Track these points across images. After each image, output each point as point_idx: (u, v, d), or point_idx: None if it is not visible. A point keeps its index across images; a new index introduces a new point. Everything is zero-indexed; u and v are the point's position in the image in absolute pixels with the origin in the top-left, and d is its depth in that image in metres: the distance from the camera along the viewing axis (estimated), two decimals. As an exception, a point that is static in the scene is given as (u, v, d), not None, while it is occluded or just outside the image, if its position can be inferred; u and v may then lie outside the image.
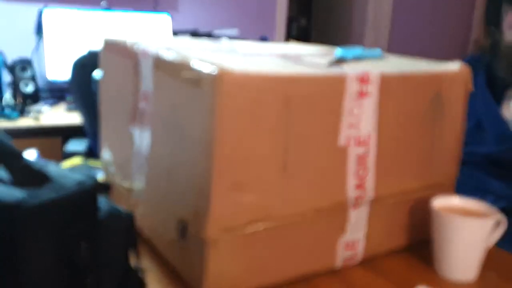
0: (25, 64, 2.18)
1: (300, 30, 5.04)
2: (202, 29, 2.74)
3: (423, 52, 3.69)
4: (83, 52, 1.71)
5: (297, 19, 5.10)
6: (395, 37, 3.74)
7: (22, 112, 2.06)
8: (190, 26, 2.79)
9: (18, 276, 0.44)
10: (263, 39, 2.91)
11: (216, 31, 2.62)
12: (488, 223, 0.70)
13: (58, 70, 2.30)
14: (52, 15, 2.31)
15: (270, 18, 3.17)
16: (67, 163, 1.09)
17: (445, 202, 0.75)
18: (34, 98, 2.18)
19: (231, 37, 2.24)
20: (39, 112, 2.11)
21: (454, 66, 0.76)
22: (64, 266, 0.46)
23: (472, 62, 1.10)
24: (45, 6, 2.37)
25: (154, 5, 2.72)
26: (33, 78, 2.18)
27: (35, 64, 2.29)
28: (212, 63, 0.58)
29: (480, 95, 1.10)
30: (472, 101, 1.05)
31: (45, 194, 0.46)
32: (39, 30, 2.38)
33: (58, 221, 0.45)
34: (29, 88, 2.16)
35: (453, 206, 0.75)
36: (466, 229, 0.70)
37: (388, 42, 3.74)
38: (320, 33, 4.55)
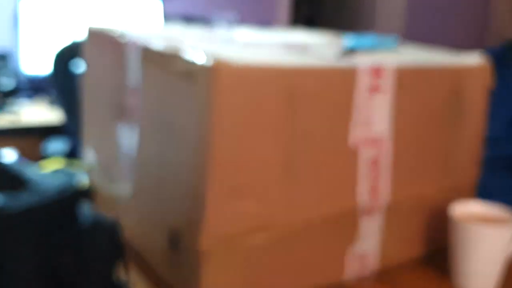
0: (1, 57, 2.17)
1: (304, 15, 5.04)
2: (196, 13, 2.73)
3: (438, 39, 3.70)
4: (66, 42, 1.70)
5: (302, 3, 5.10)
6: (408, 23, 3.75)
7: (-1, 110, 2.06)
8: (183, 10, 2.77)
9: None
10: (264, 25, 2.91)
11: (212, 16, 2.62)
12: (510, 231, 0.70)
13: (38, 64, 2.29)
14: (31, 5, 2.30)
15: (271, 1, 3.16)
16: (46, 165, 1.08)
17: (464, 209, 0.75)
18: (12, 94, 2.18)
19: (228, 23, 2.23)
20: (17, 110, 2.11)
21: (474, 59, 0.76)
22: (46, 278, 0.47)
23: (506, 52, 1.10)
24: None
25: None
26: (10, 73, 2.18)
27: (13, 58, 2.29)
28: (207, 54, 0.57)
29: None
30: (507, 96, 1.04)
31: (23, 200, 0.46)
32: (16, 21, 2.37)
33: (37, 229, 0.46)
34: (7, 84, 2.16)
35: (473, 212, 0.75)
36: (486, 239, 0.70)
37: (401, 28, 3.74)
38: (326, 18, 4.56)
